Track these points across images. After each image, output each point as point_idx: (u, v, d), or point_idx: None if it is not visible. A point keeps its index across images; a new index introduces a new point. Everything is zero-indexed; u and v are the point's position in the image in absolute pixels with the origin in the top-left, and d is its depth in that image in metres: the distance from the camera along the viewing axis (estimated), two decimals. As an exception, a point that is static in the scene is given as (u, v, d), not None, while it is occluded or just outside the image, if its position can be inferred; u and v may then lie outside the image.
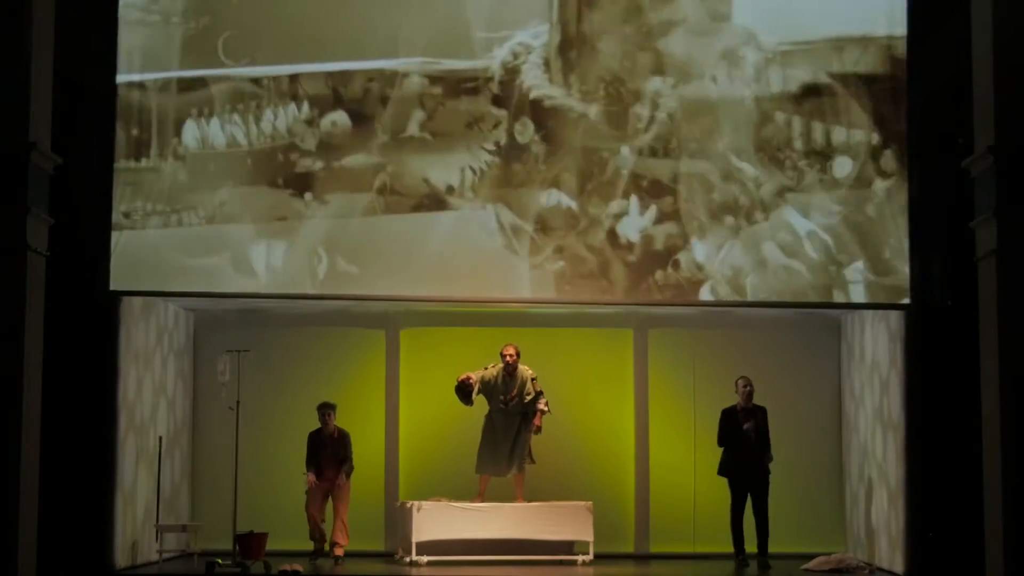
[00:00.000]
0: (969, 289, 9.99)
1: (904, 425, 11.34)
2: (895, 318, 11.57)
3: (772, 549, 11.84)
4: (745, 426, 11.81)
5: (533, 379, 12.15)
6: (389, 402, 13.15)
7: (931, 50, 11.28)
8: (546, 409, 12.08)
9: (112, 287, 11.19)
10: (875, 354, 12.13)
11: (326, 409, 11.96)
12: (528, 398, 12.08)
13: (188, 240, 11.25)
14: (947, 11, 10.83)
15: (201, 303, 12.53)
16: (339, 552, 11.84)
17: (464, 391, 12.04)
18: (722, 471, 11.98)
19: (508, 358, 12.11)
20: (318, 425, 12.00)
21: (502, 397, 12.11)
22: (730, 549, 12.20)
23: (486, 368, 12.20)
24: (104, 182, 11.22)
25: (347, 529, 11.86)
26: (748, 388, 12.00)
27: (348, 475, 11.90)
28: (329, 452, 11.90)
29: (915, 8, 11.43)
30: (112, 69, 11.26)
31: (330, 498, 11.94)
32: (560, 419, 12.85)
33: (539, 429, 12.06)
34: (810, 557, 11.91)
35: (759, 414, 11.96)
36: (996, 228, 9.32)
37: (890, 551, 11.60)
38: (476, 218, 11.37)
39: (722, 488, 12.34)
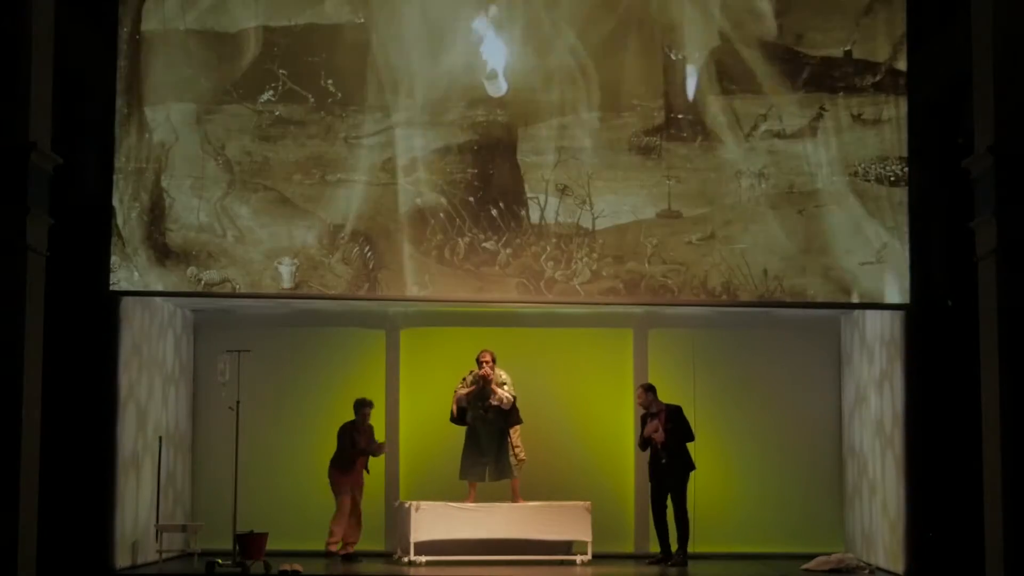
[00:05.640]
0: (969, 289, 10.00)
1: (904, 425, 11.33)
2: (895, 318, 11.57)
3: (773, 549, 11.88)
4: (644, 432, 12.01)
5: (504, 384, 12.12)
6: (389, 402, 13.15)
7: (931, 50, 11.29)
8: (506, 396, 12.00)
9: (112, 287, 11.20)
10: (875, 354, 12.13)
11: (367, 407, 12.05)
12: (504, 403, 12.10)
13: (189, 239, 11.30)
14: (947, 12, 10.83)
15: (201, 303, 12.53)
16: (351, 550, 11.99)
17: (462, 416, 12.13)
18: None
19: (484, 365, 12.11)
20: (351, 419, 12.07)
21: (480, 404, 12.12)
22: (728, 549, 12.26)
23: (464, 380, 12.21)
24: (104, 182, 11.24)
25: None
26: (639, 397, 12.16)
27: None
28: (364, 442, 12.00)
29: (915, 8, 11.44)
30: (112, 69, 11.28)
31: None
32: (560, 419, 12.88)
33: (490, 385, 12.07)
34: (810, 557, 11.91)
35: (666, 416, 11.99)
36: (996, 228, 9.32)
37: (890, 551, 11.60)
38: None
39: (721, 488, 12.40)
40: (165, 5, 11.37)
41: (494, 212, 11.45)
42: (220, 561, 11.16)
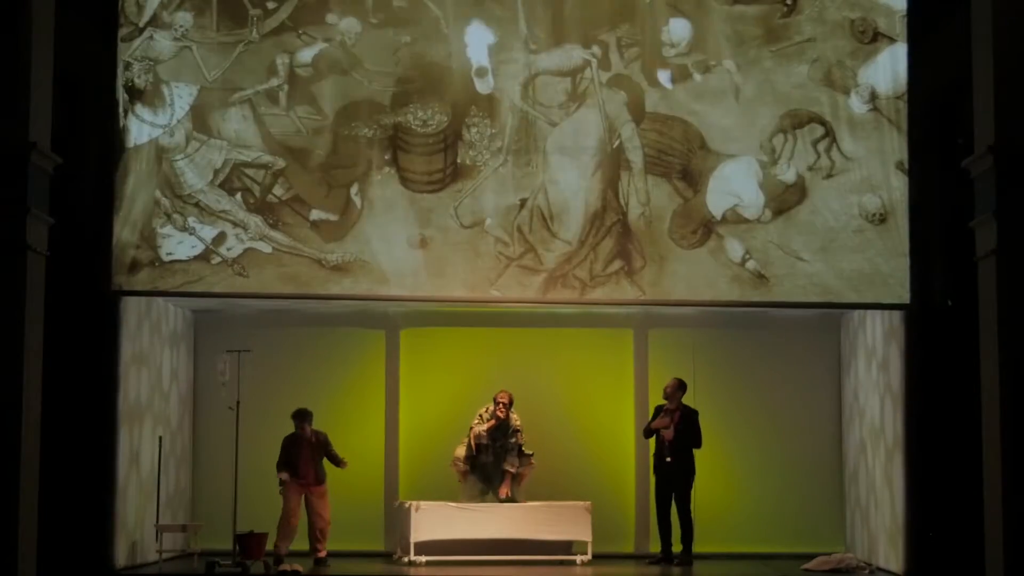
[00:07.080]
0: (969, 289, 9.99)
1: (904, 425, 11.33)
2: (895, 318, 11.57)
3: (773, 549, 11.86)
4: (653, 423, 12.07)
5: (518, 431, 12.13)
6: (389, 402, 13.16)
7: (931, 50, 11.28)
8: (512, 471, 12.06)
9: (112, 287, 11.20)
10: (875, 354, 12.13)
11: (302, 419, 11.81)
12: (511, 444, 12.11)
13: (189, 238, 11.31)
14: (947, 11, 10.83)
15: (201, 303, 12.52)
16: (322, 554, 11.83)
17: (478, 450, 12.10)
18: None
19: (500, 406, 12.08)
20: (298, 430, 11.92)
21: (490, 444, 12.09)
22: (728, 549, 12.24)
23: (480, 417, 12.18)
24: (104, 182, 11.24)
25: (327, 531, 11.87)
26: (669, 386, 12.17)
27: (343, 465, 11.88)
28: (307, 453, 11.76)
29: (915, 8, 11.44)
30: (112, 69, 11.28)
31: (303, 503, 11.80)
32: (560, 419, 12.88)
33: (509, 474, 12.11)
34: (810, 557, 11.91)
35: (680, 416, 12.00)
36: (996, 228, 9.31)
37: (890, 551, 11.60)
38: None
39: (722, 488, 12.36)
40: (166, 5, 11.38)
41: (494, 212, 11.49)
42: (220, 561, 11.16)
